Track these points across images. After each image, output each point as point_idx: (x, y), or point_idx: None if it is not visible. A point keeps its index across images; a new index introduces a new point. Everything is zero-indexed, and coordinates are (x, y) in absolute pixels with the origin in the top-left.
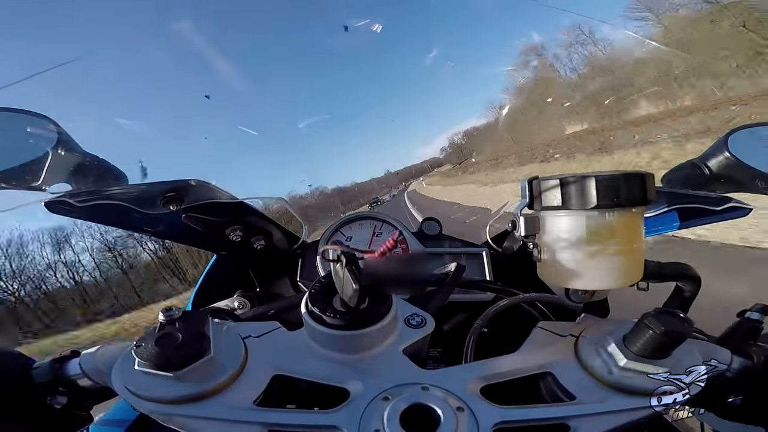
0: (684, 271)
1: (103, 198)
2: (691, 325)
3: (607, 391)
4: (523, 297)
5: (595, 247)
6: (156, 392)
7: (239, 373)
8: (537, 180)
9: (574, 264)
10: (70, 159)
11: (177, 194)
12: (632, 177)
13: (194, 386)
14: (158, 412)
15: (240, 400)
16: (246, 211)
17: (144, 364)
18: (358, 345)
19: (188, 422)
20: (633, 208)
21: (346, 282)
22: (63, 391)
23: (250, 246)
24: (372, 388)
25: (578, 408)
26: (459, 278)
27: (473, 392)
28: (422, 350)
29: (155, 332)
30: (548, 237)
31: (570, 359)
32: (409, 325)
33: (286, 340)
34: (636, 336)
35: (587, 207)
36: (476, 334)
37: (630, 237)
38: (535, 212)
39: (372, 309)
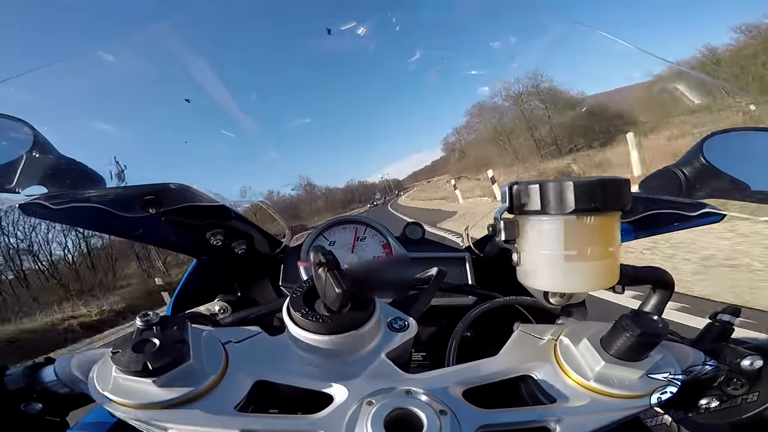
0: (658, 275)
1: (80, 201)
2: (666, 327)
3: (586, 394)
4: (502, 300)
5: (572, 251)
6: (134, 398)
7: (220, 378)
8: (517, 185)
9: (552, 267)
10: (46, 162)
11: (156, 197)
12: (609, 182)
13: (173, 392)
14: (137, 418)
15: (221, 405)
16: (227, 214)
17: (122, 370)
18: (341, 349)
19: (167, 428)
20: (610, 213)
21: (328, 286)
22: (36, 398)
23: (231, 250)
24: (355, 392)
25: (558, 411)
26: (441, 282)
27: (456, 396)
28: (405, 354)
29: (132, 338)
30: (527, 241)
31: (549, 362)
32: (392, 329)
33: (268, 345)
34: (613, 338)
35: (565, 211)
36: (458, 337)
37: (607, 241)
38: (515, 217)
39: (355, 313)
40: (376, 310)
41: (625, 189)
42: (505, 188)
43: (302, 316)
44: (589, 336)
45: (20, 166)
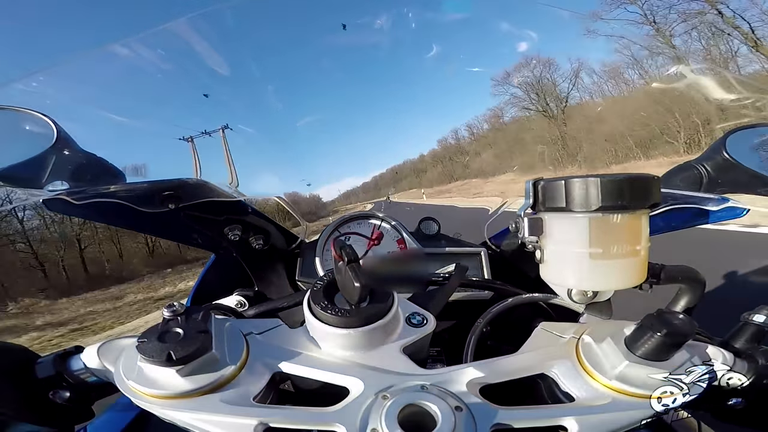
0: (688, 274)
1: (101, 196)
2: (694, 327)
3: (607, 393)
4: (526, 297)
5: (598, 249)
6: (157, 388)
7: (240, 369)
8: (541, 181)
9: (577, 265)
10: (68, 157)
11: (175, 193)
12: (637, 180)
13: (195, 382)
14: (159, 407)
15: (240, 396)
16: (244, 210)
17: (146, 360)
18: (358, 343)
19: (187, 418)
20: (637, 211)
21: (348, 280)
22: (66, 386)
23: (249, 245)
24: (371, 386)
25: (577, 410)
26: (461, 278)
27: (472, 392)
28: (422, 349)
29: (159, 328)
30: (551, 238)
31: (570, 360)
32: (410, 324)
33: (288, 337)
34: (638, 338)
35: (591, 209)
36: (477, 333)
37: (634, 239)
38: (538, 213)
39: (373, 307)
40: (394, 304)
41: (654, 186)
42: (528, 184)
43: (322, 309)
44: (612, 335)
45: (45, 161)
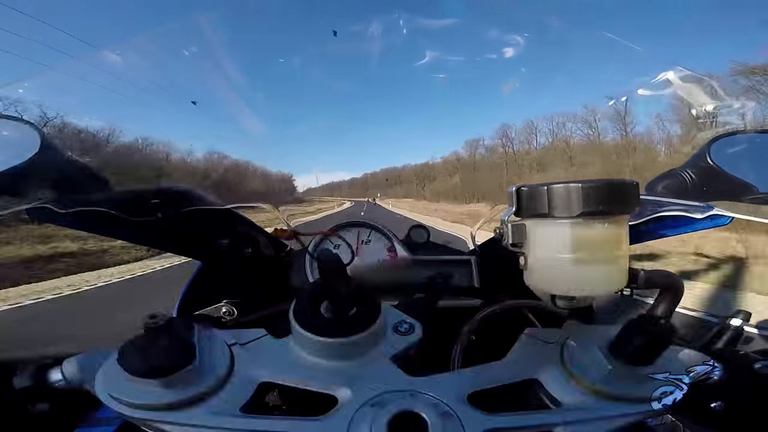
0: (667, 279)
1: (87, 204)
2: (674, 332)
3: (592, 398)
4: (509, 303)
5: (580, 255)
6: (140, 399)
7: (225, 380)
8: (525, 187)
9: (560, 271)
10: (54, 164)
11: (162, 200)
12: (617, 185)
13: (179, 393)
14: (142, 420)
15: (225, 407)
16: (233, 218)
17: (128, 372)
18: (346, 352)
19: (172, 429)
20: (618, 217)
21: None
22: (45, 398)
23: (237, 253)
24: (360, 394)
25: (563, 415)
26: (447, 285)
27: (460, 399)
28: (410, 357)
29: (139, 339)
30: (534, 244)
31: (556, 366)
32: (397, 332)
33: (273, 347)
34: (620, 343)
35: (572, 215)
36: (464, 340)
37: (615, 245)
38: (522, 220)
39: (360, 316)
40: (381, 312)
41: (634, 192)
42: (512, 190)
43: (308, 318)
44: (596, 340)
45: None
